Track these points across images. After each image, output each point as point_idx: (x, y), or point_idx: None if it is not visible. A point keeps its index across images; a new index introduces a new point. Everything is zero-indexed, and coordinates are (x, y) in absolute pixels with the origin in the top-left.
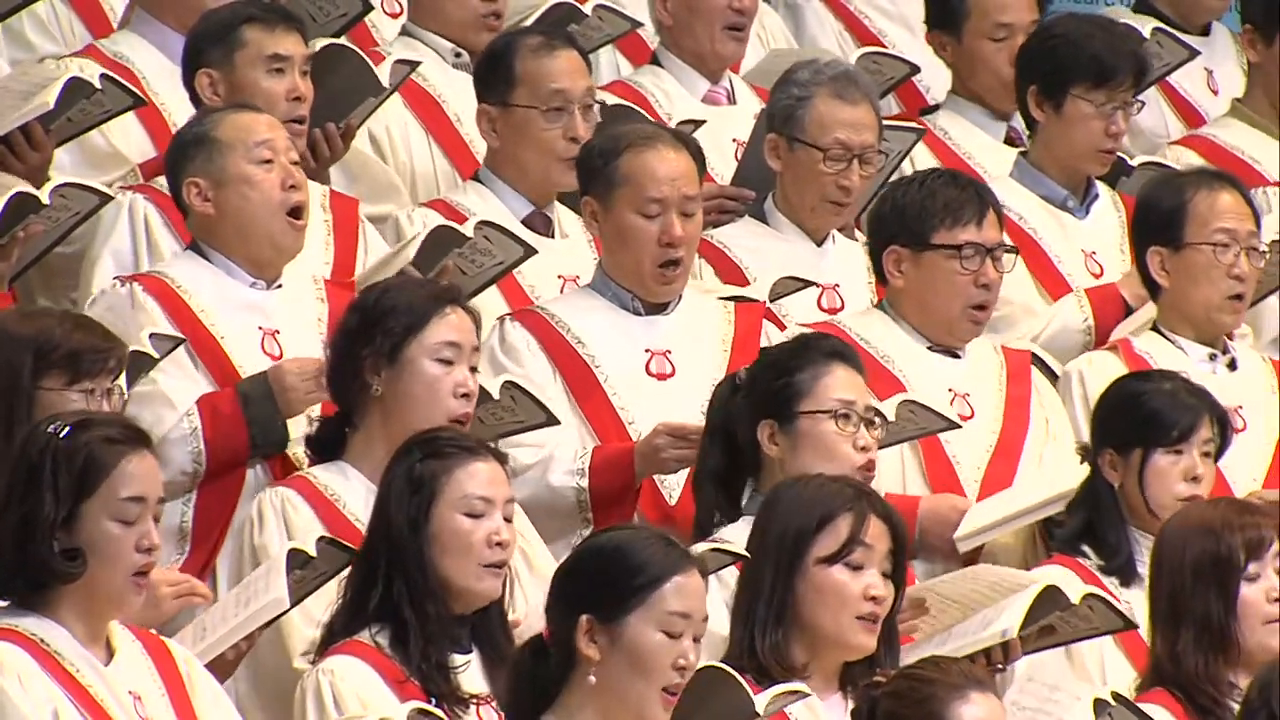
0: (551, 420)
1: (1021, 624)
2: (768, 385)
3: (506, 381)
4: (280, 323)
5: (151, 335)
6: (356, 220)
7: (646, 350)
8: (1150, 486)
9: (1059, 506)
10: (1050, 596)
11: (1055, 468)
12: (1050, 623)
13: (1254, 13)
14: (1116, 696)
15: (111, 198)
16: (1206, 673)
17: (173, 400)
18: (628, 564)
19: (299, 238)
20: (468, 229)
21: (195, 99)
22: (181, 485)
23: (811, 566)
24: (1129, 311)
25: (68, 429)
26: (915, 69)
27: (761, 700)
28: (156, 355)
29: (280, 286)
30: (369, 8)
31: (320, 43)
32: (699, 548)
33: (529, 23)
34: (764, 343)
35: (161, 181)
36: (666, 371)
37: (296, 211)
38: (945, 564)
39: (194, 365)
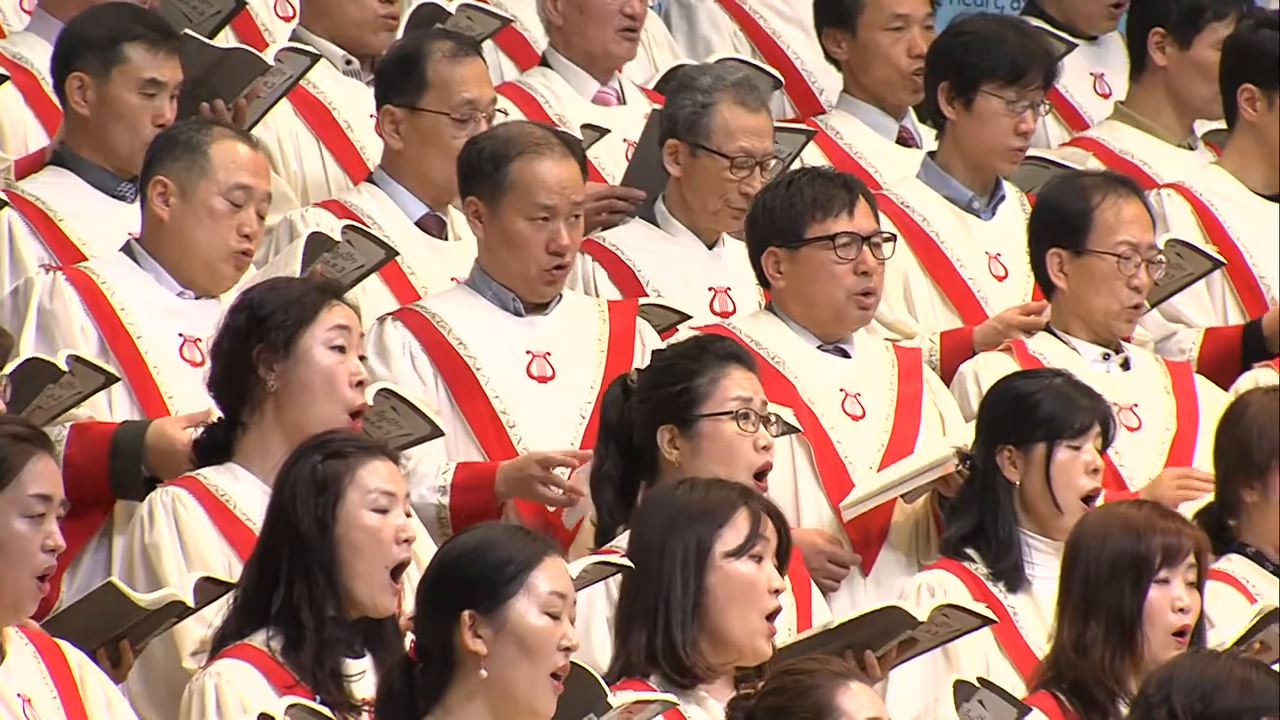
0: (436, 432)
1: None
2: (665, 391)
3: (382, 390)
4: (203, 331)
5: (71, 356)
6: None
7: (527, 352)
8: (1056, 481)
9: (939, 473)
10: (896, 618)
11: (934, 442)
12: (913, 635)
13: (1167, 15)
14: (982, 680)
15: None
16: (1111, 667)
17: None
18: (496, 556)
19: (237, 277)
20: (336, 234)
21: (59, 92)
22: None
23: (719, 562)
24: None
25: None
26: (779, 82)
27: (619, 699)
28: (65, 369)
29: (207, 299)
30: (241, 5)
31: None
32: (582, 561)
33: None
34: (639, 341)
35: (26, 185)
36: (546, 374)
37: (240, 259)
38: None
39: (106, 360)
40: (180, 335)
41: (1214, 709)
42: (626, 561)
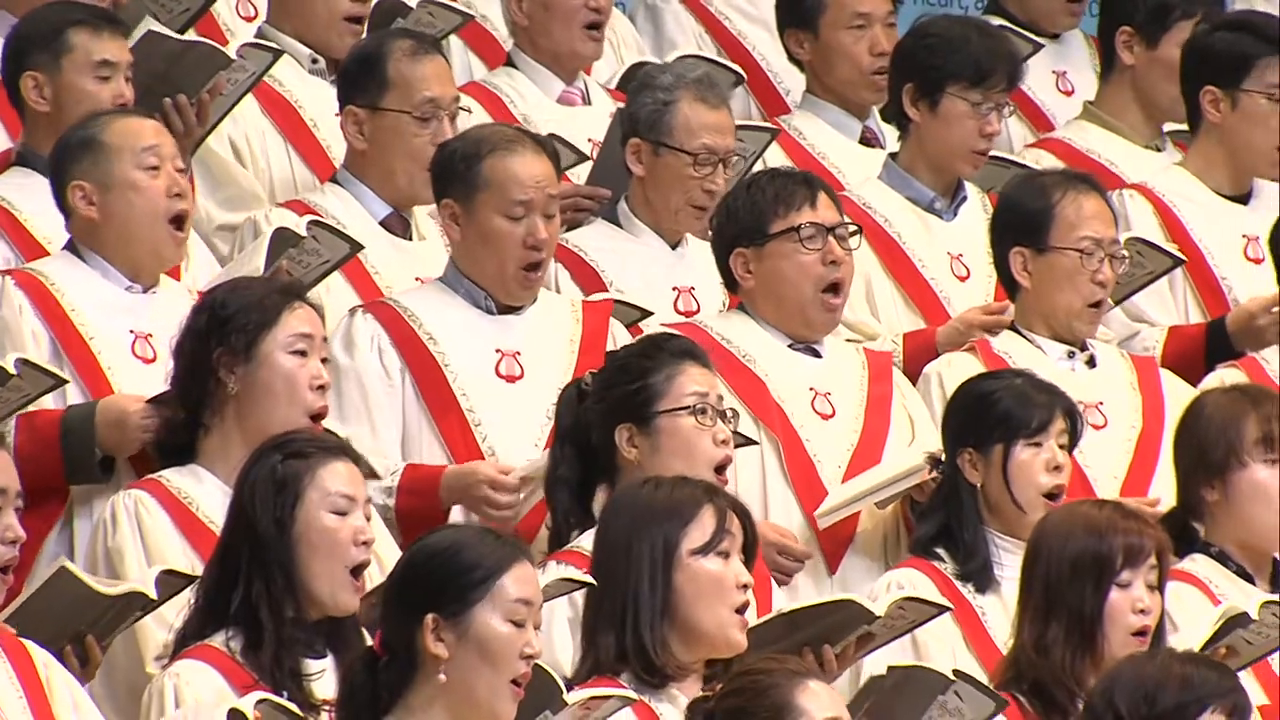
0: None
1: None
2: (622, 389)
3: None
4: (153, 327)
5: (20, 360)
6: None
7: (497, 351)
8: (1015, 480)
9: (913, 481)
10: (853, 611)
11: (911, 448)
12: (870, 630)
13: (1135, 15)
14: (958, 673)
15: None
16: (1072, 668)
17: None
18: (464, 559)
19: (180, 248)
20: (301, 229)
21: (15, 99)
22: None
23: (686, 560)
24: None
25: None
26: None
27: (575, 696)
28: (14, 373)
29: (155, 292)
30: (211, 1)
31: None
32: (545, 577)
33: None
34: (611, 342)
35: None
36: (515, 374)
37: (179, 220)
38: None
39: (60, 363)
40: (131, 332)
41: (1159, 708)
42: (588, 578)
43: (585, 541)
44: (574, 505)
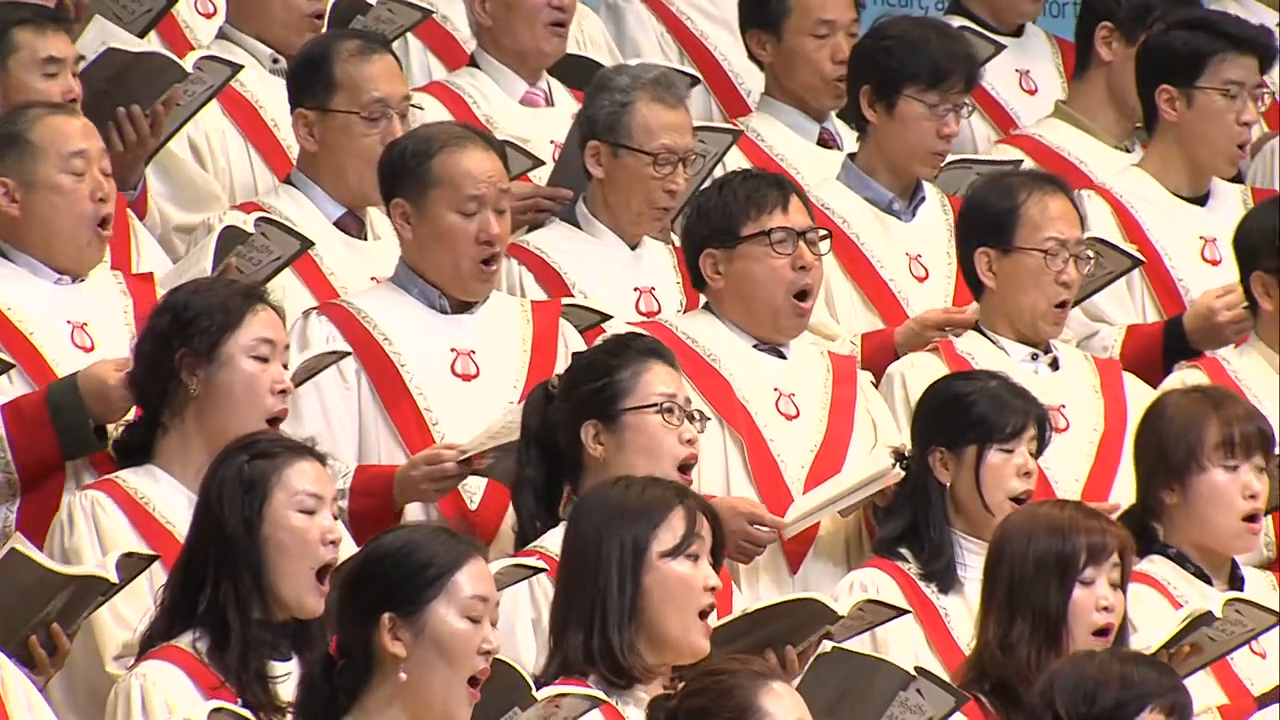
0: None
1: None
2: (589, 387)
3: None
4: (88, 315)
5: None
6: None
7: (452, 350)
8: (986, 483)
9: (878, 486)
10: (815, 610)
11: (873, 453)
12: (831, 630)
13: (1116, 11)
14: (919, 670)
15: None
16: (1036, 666)
17: None
18: (419, 558)
19: (103, 248)
20: (249, 225)
21: None
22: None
23: (655, 562)
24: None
25: None
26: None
27: (544, 692)
28: None
29: (85, 281)
30: (172, 1)
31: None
32: (498, 564)
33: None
34: (561, 343)
35: None
36: (470, 372)
37: (104, 222)
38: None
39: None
40: (68, 323)
41: (1098, 707)
42: (540, 564)
43: (548, 541)
44: (539, 507)
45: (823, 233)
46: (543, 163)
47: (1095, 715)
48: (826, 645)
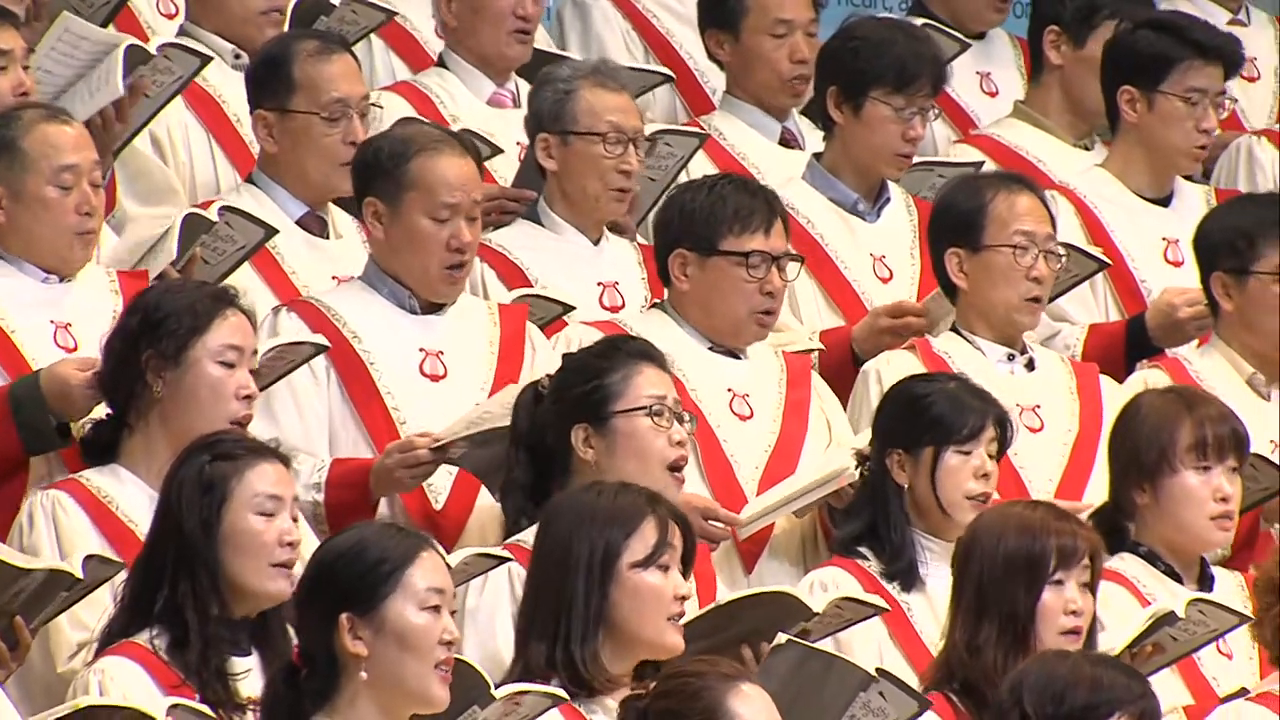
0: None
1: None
2: (578, 390)
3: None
4: (73, 316)
5: None
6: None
7: (420, 350)
8: (942, 485)
9: (833, 486)
10: (789, 605)
11: (828, 453)
12: (806, 627)
13: (1062, 14)
14: (881, 672)
15: None
16: (1004, 668)
17: None
18: (371, 556)
19: (89, 250)
20: (213, 214)
21: None
22: None
23: (626, 573)
24: (858, 361)
25: None
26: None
27: (504, 690)
28: None
29: (71, 280)
30: None
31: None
32: (462, 553)
33: None
34: (529, 345)
35: None
36: (439, 373)
37: (88, 233)
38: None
39: None
40: (52, 323)
41: (1065, 708)
42: (506, 553)
43: (527, 535)
44: (528, 508)
45: (795, 255)
46: (501, 150)
47: (1062, 716)
48: (781, 638)
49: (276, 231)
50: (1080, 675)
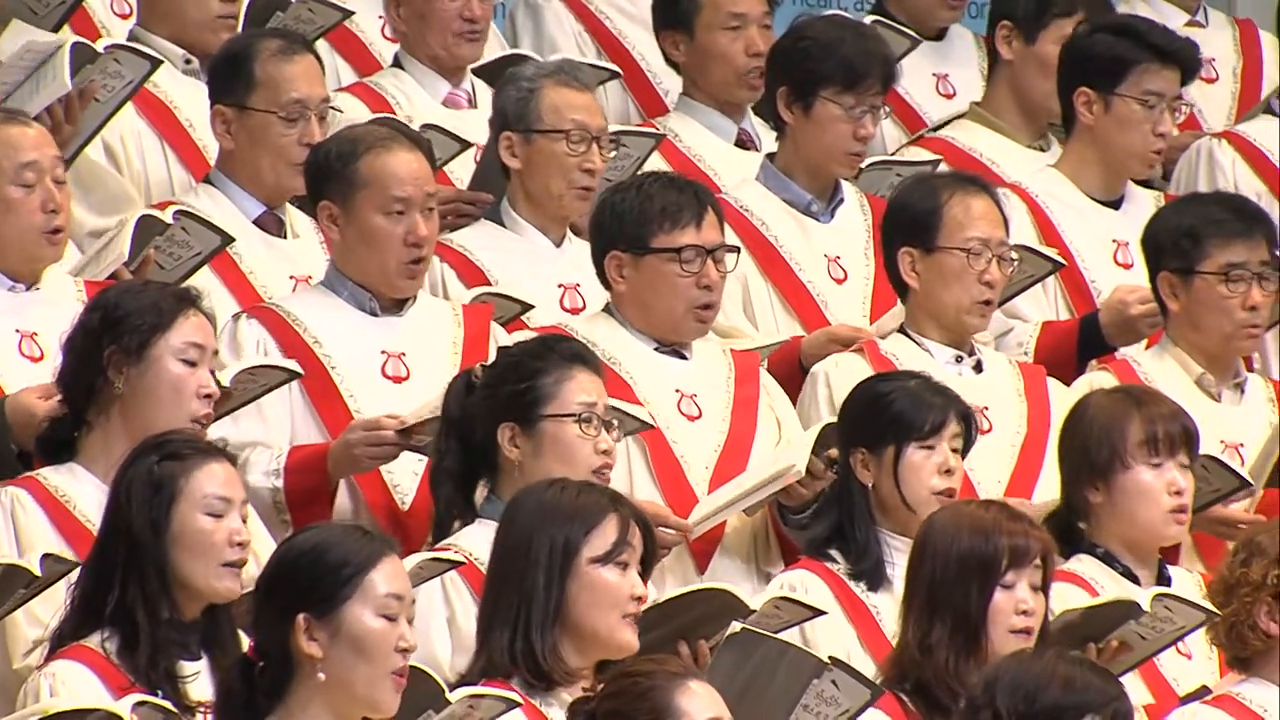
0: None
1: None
2: (510, 388)
3: (177, 212)
4: (38, 325)
5: None
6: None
7: (382, 352)
8: (906, 482)
9: (781, 484)
10: (725, 602)
11: (777, 451)
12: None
13: (1013, 10)
14: (834, 660)
15: None
16: (955, 668)
17: None
18: (332, 558)
19: (58, 252)
20: (168, 216)
21: None
22: None
23: (584, 567)
24: (804, 370)
25: None
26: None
27: (460, 693)
28: None
29: (38, 289)
30: None
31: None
32: (415, 558)
33: None
34: (493, 345)
35: None
36: (401, 374)
37: (55, 231)
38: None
39: None
40: (17, 331)
41: (1037, 708)
42: (458, 558)
43: (463, 540)
44: (457, 496)
45: (731, 247)
46: (470, 145)
47: (1034, 715)
48: (735, 626)
49: (233, 240)
50: (1054, 675)
